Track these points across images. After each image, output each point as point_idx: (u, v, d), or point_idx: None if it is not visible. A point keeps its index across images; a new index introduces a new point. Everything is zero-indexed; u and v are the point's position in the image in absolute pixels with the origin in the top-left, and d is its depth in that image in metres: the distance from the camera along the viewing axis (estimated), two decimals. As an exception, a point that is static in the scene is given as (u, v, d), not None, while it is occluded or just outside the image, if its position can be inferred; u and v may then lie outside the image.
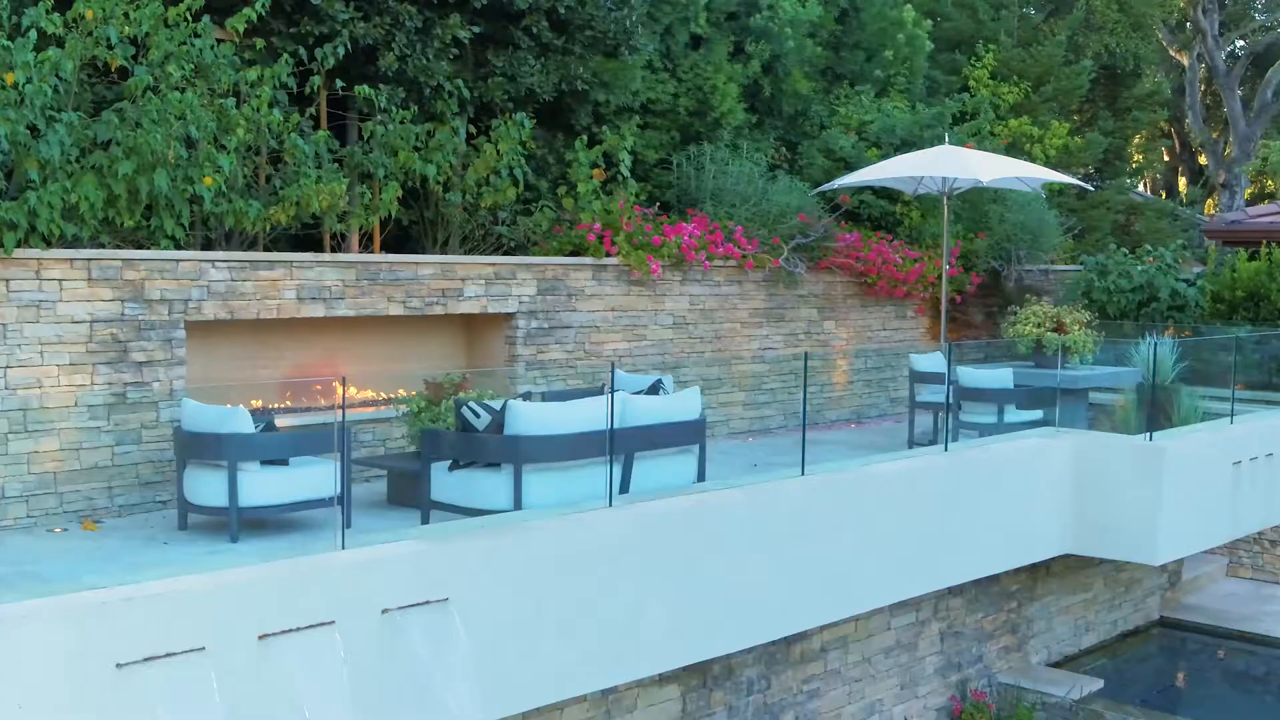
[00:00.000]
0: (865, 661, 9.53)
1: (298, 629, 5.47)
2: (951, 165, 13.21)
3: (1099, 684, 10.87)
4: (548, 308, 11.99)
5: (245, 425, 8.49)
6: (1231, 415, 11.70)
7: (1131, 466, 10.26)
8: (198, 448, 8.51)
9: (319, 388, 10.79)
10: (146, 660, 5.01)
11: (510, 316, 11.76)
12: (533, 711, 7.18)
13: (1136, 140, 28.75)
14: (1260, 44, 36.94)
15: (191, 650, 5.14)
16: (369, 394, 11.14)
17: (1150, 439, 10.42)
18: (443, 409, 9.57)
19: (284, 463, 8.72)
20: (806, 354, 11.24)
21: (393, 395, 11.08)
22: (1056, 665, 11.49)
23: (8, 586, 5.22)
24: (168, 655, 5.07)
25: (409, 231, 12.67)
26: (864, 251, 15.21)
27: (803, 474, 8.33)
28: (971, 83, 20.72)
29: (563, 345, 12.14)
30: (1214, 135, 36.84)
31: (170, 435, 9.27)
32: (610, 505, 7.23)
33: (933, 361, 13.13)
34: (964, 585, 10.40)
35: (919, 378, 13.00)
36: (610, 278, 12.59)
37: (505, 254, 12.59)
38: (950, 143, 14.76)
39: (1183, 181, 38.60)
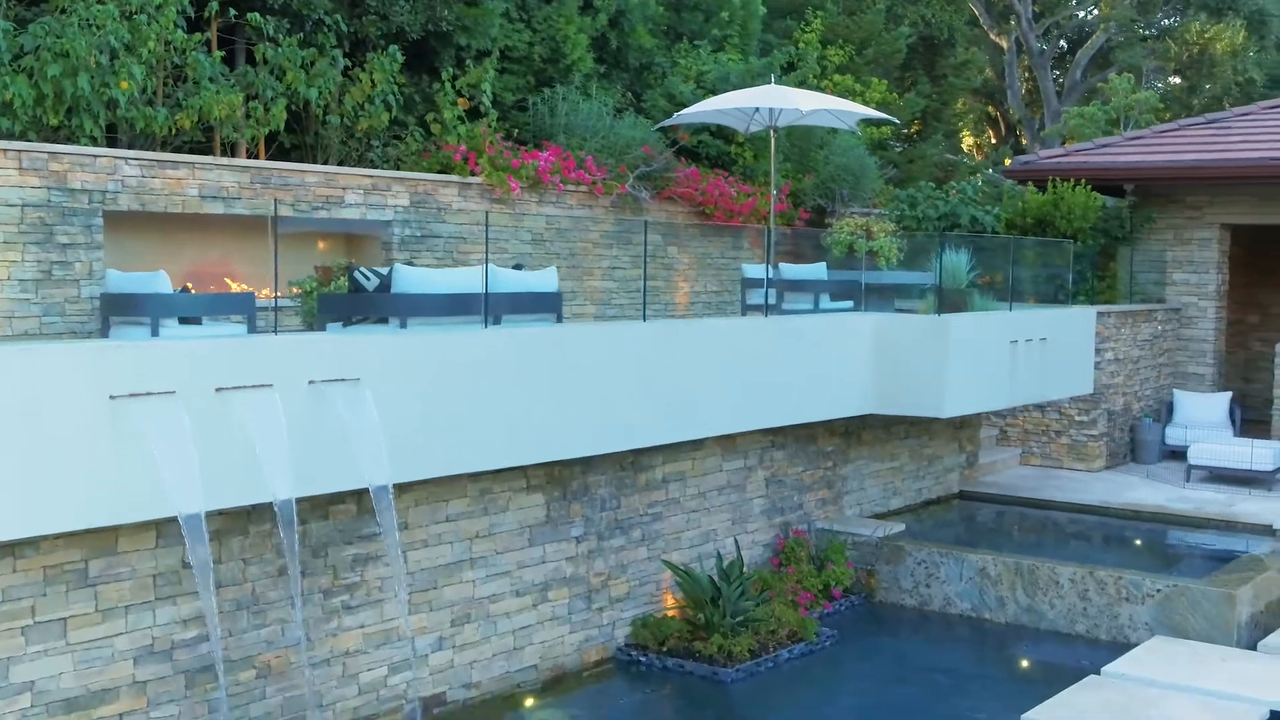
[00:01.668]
0: (701, 495, 11.22)
1: (245, 387, 6.92)
2: (777, 99, 14.98)
3: (901, 527, 12.76)
4: (419, 218, 13.45)
5: (165, 286, 9.83)
6: (1010, 305, 13.71)
7: (923, 337, 12.14)
8: (123, 306, 9.80)
9: (225, 281, 12.13)
10: (132, 395, 6.44)
11: (386, 224, 13.20)
12: (424, 494, 8.71)
13: (958, 105, 31.18)
14: (1071, 27, 39.90)
15: (166, 392, 6.57)
16: (266, 293, 12.46)
17: (940, 316, 12.32)
18: (333, 288, 10.98)
19: (198, 322, 10.09)
20: (646, 222, 12.81)
21: (284, 293, 12.42)
22: (867, 520, 13.35)
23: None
24: (148, 394, 6.50)
25: (289, 156, 14.01)
26: (702, 184, 16.95)
27: (644, 320, 10.01)
28: (801, 45, 22.65)
29: (434, 252, 13.61)
30: (1032, 114, 39.78)
31: (90, 311, 10.54)
32: (485, 328, 8.81)
33: (761, 270, 14.95)
34: (785, 440, 12.19)
35: (749, 283, 14.81)
36: (474, 195, 14.10)
37: (381, 172, 14.03)
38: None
39: (1008, 161, 41.39)
